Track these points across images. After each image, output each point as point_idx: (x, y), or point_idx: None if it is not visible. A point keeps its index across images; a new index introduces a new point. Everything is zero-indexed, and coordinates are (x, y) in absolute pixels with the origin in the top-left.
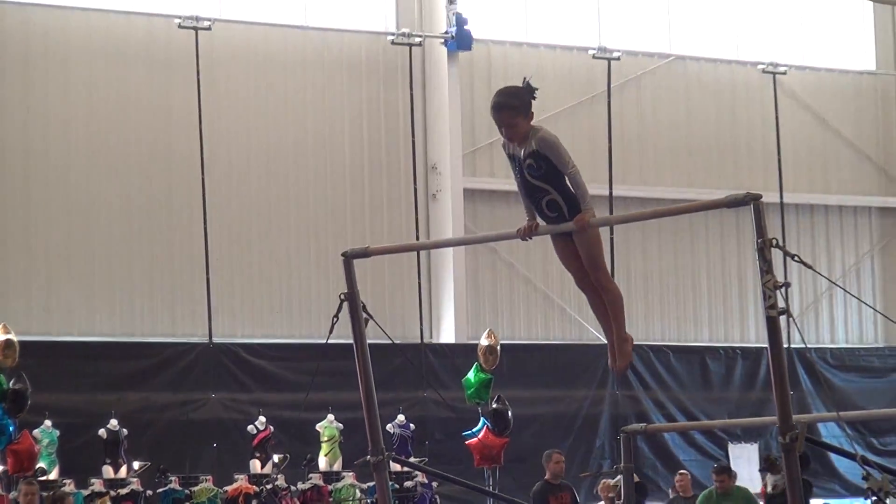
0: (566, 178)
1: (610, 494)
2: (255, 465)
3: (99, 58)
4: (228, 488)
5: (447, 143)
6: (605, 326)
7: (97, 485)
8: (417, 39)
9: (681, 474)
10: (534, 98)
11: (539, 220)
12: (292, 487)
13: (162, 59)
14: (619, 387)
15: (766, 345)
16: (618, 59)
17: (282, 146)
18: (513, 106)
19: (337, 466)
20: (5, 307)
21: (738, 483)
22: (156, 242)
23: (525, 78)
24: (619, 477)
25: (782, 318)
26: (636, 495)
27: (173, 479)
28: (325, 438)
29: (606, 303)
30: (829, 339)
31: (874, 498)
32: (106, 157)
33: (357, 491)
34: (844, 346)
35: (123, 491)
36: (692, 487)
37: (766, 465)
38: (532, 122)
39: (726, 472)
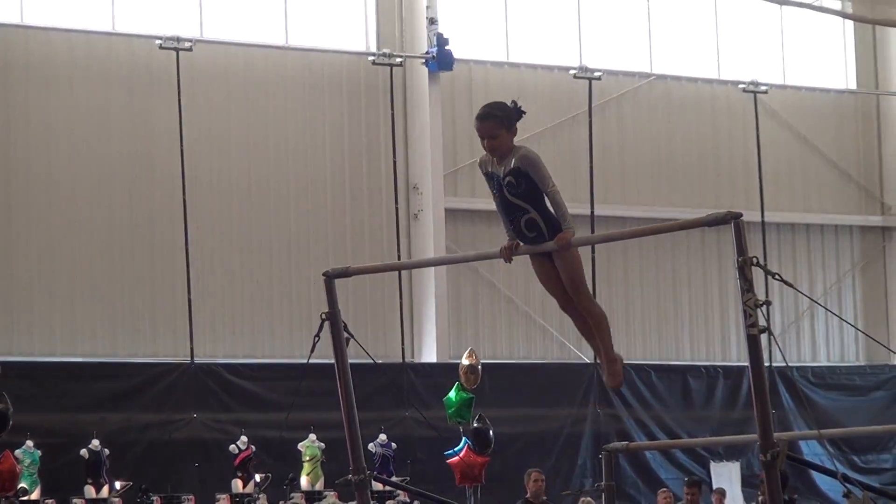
0: (546, 198)
1: None
2: (237, 485)
3: (80, 79)
4: None
5: (428, 162)
6: (594, 347)
7: None
8: (399, 60)
9: (663, 492)
10: (519, 118)
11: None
12: None
13: (143, 80)
14: (601, 405)
15: (747, 363)
16: (599, 78)
17: (263, 166)
18: (497, 117)
19: (319, 486)
20: None
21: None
22: (137, 263)
23: (514, 100)
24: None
25: (763, 337)
26: None
27: (155, 498)
28: (307, 458)
29: (592, 326)
30: (810, 357)
31: None
32: (88, 177)
33: None
34: (826, 364)
35: None
36: None
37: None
38: (515, 142)
39: (697, 486)
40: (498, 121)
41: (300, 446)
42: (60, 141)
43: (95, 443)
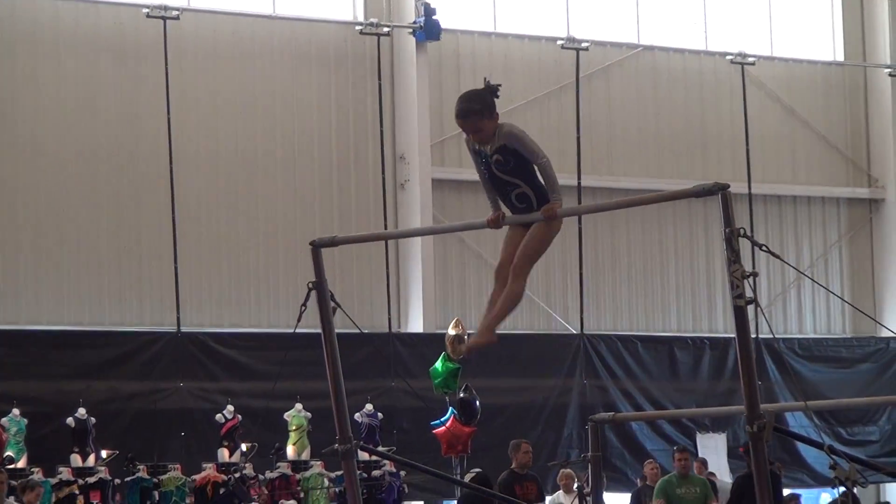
0: (536, 169)
1: (571, 482)
2: (224, 454)
3: (67, 47)
4: (196, 477)
5: (415, 132)
6: (489, 310)
7: (65, 473)
8: (386, 29)
9: (650, 463)
10: (497, 97)
11: (505, 210)
12: (260, 476)
13: (130, 49)
14: (587, 376)
15: (733, 335)
16: (586, 49)
17: (250, 136)
18: (476, 111)
19: (305, 455)
20: None
21: (709, 470)
22: (124, 231)
23: (486, 78)
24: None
25: (750, 308)
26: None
27: (141, 467)
28: (294, 427)
29: (507, 293)
30: (796, 329)
31: (841, 488)
32: (74, 146)
33: (325, 480)
34: (812, 336)
35: (91, 479)
36: (660, 477)
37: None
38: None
39: (687, 452)
40: (478, 114)
41: (286, 416)
42: (47, 109)
43: (82, 411)
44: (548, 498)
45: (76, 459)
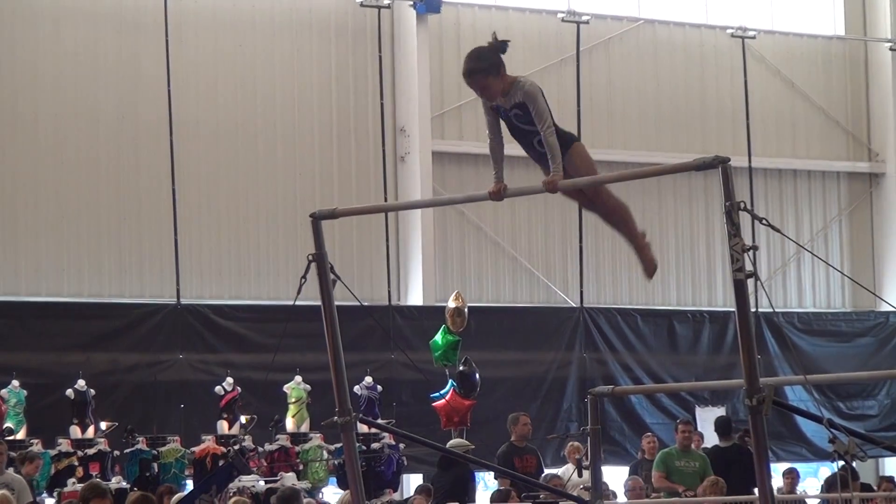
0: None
1: (577, 456)
2: (223, 426)
3: (67, 20)
4: (196, 449)
5: (415, 105)
6: (625, 236)
7: (64, 445)
8: (386, 2)
9: (648, 436)
10: (503, 53)
11: (507, 182)
12: (259, 448)
13: (131, 20)
14: (587, 350)
15: (733, 308)
16: (587, 22)
17: (250, 108)
18: (481, 69)
19: (304, 428)
20: None
21: (704, 445)
22: (124, 203)
23: (494, 34)
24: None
25: (750, 282)
26: None
27: (141, 439)
28: (293, 400)
29: (620, 219)
30: (796, 303)
31: (840, 462)
32: (74, 117)
33: (324, 452)
34: (812, 310)
35: (91, 451)
36: (659, 450)
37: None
38: (513, 75)
39: (691, 424)
40: (484, 73)
41: (286, 388)
42: (47, 81)
43: (81, 383)
44: (558, 470)
45: (75, 431)
